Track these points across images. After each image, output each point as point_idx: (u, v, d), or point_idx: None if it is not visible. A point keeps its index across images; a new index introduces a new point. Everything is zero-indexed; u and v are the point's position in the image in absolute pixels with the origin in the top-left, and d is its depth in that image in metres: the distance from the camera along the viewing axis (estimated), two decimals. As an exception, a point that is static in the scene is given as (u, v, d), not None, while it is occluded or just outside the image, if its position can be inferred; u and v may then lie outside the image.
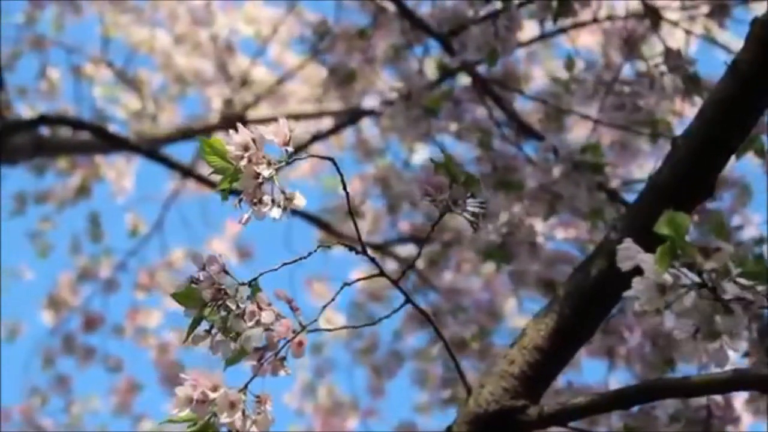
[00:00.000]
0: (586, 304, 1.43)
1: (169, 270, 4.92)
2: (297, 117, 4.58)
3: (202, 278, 1.22)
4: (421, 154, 4.14)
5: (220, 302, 1.21)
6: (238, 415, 1.21)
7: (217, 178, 3.97)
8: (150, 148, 3.78)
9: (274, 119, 4.42)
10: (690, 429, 2.15)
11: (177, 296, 1.22)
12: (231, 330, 1.21)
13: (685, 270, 1.08)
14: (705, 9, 2.68)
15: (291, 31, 4.87)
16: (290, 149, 1.21)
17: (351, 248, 1.28)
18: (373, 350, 4.11)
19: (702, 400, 2.08)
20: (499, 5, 2.03)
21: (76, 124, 3.79)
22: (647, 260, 1.11)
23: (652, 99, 2.16)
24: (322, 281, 4.74)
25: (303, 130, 4.69)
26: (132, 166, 4.84)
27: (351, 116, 3.75)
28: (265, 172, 1.20)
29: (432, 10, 2.32)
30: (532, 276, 2.78)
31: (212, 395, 1.21)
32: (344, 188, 1.26)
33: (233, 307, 1.21)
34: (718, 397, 2.06)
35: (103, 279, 4.75)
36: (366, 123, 4.29)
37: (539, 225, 2.45)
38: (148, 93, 4.76)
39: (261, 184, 1.21)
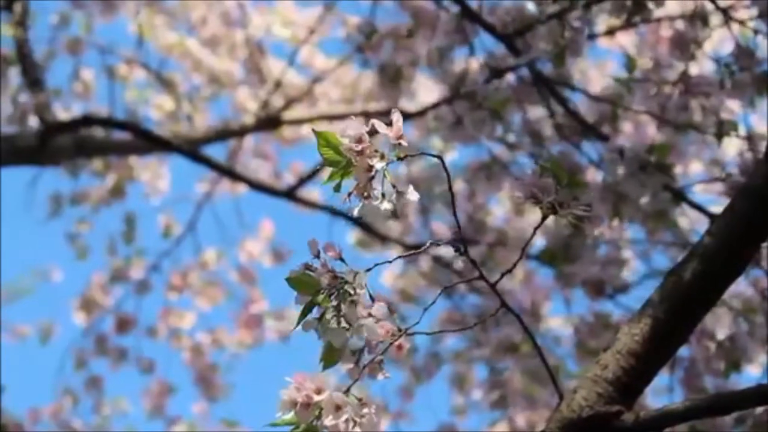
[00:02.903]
0: (681, 307, 1.41)
1: (202, 271, 4.91)
2: (331, 118, 4.58)
3: (317, 266, 1.21)
4: (452, 155, 4.12)
5: (335, 289, 1.20)
6: (344, 418, 1.19)
7: (254, 177, 3.91)
8: (191, 149, 3.78)
9: (310, 120, 4.42)
10: (755, 431, 2.14)
11: (291, 281, 1.20)
12: (345, 318, 1.19)
13: None
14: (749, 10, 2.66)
15: (322, 33, 4.86)
16: (404, 143, 1.19)
17: (456, 248, 1.26)
18: (411, 352, 4.09)
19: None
20: (564, 4, 2.00)
21: (119, 125, 3.79)
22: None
23: (717, 99, 2.13)
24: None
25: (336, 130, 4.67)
26: (166, 166, 4.84)
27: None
28: (378, 165, 1.18)
29: (495, 9, 2.29)
30: (580, 277, 2.76)
31: (317, 398, 1.20)
32: (450, 189, 1.25)
33: (351, 292, 1.19)
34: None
35: (136, 280, 4.73)
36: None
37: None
38: (182, 94, 4.76)
39: (372, 177, 1.19)
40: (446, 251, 4.21)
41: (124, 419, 5.01)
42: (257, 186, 4.00)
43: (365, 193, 1.20)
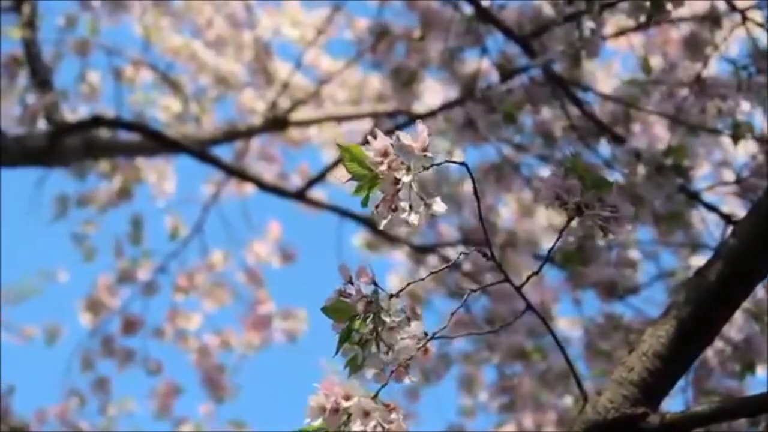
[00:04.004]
0: (707, 309, 1.41)
1: (209, 272, 4.91)
2: (338, 119, 4.58)
3: (351, 291, 1.21)
4: (457, 156, 4.11)
5: (370, 315, 1.20)
6: (372, 424, 1.19)
7: (262, 177, 3.89)
8: (201, 150, 3.77)
9: (317, 121, 4.40)
10: (770, 433, 2.13)
11: (327, 310, 1.21)
12: (384, 342, 1.20)
13: None
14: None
15: (329, 34, 4.86)
16: (429, 155, 1.18)
17: (483, 255, 1.26)
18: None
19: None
20: (582, 6, 2.00)
21: (129, 126, 3.79)
22: None
23: (733, 101, 2.13)
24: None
25: (343, 131, 4.69)
26: (172, 168, 4.84)
27: (407, 118, 3.73)
28: (405, 178, 1.17)
29: (506, 10, 2.29)
30: (593, 279, 2.76)
31: (345, 404, 1.20)
32: (475, 193, 1.24)
33: (387, 319, 1.20)
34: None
35: (143, 281, 4.73)
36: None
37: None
38: (188, 96, 4.75)
39: (399, 190, 1.18)
40: (455, 253, 4.21)
41: (130, 420, 5.01)
42: (267, 187, 4.00)
43: (392, 206, 1.19)
